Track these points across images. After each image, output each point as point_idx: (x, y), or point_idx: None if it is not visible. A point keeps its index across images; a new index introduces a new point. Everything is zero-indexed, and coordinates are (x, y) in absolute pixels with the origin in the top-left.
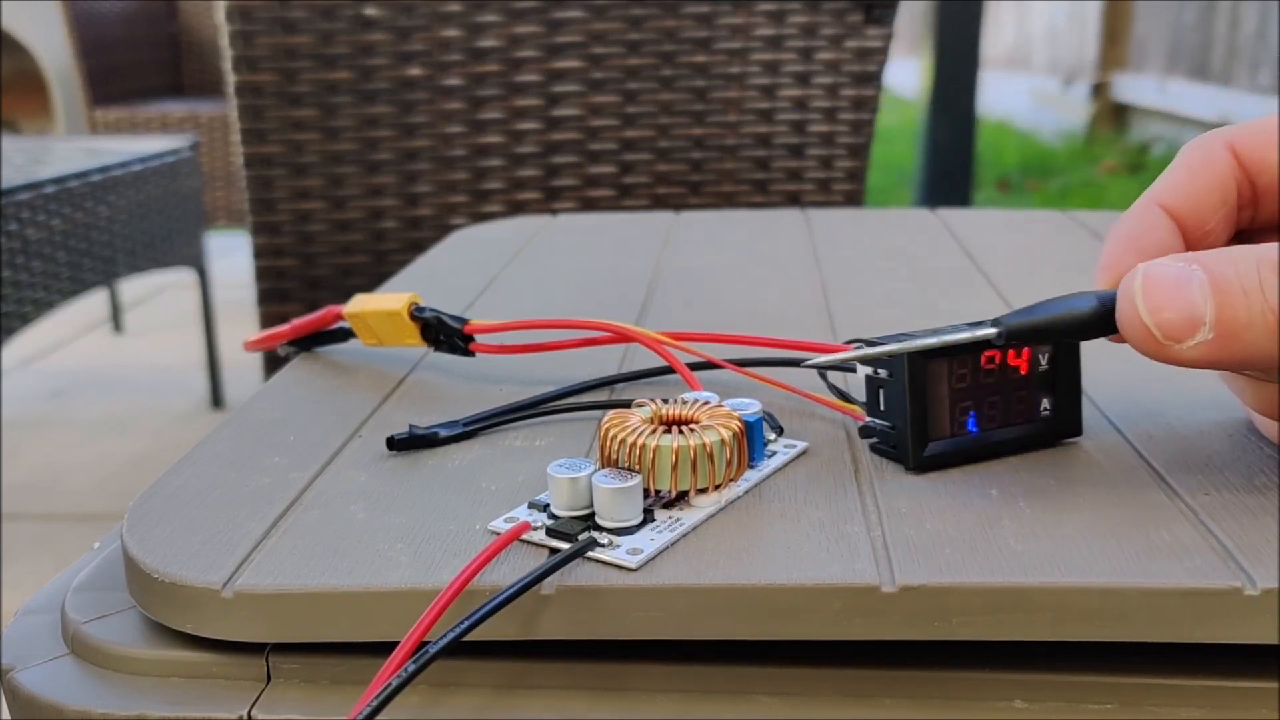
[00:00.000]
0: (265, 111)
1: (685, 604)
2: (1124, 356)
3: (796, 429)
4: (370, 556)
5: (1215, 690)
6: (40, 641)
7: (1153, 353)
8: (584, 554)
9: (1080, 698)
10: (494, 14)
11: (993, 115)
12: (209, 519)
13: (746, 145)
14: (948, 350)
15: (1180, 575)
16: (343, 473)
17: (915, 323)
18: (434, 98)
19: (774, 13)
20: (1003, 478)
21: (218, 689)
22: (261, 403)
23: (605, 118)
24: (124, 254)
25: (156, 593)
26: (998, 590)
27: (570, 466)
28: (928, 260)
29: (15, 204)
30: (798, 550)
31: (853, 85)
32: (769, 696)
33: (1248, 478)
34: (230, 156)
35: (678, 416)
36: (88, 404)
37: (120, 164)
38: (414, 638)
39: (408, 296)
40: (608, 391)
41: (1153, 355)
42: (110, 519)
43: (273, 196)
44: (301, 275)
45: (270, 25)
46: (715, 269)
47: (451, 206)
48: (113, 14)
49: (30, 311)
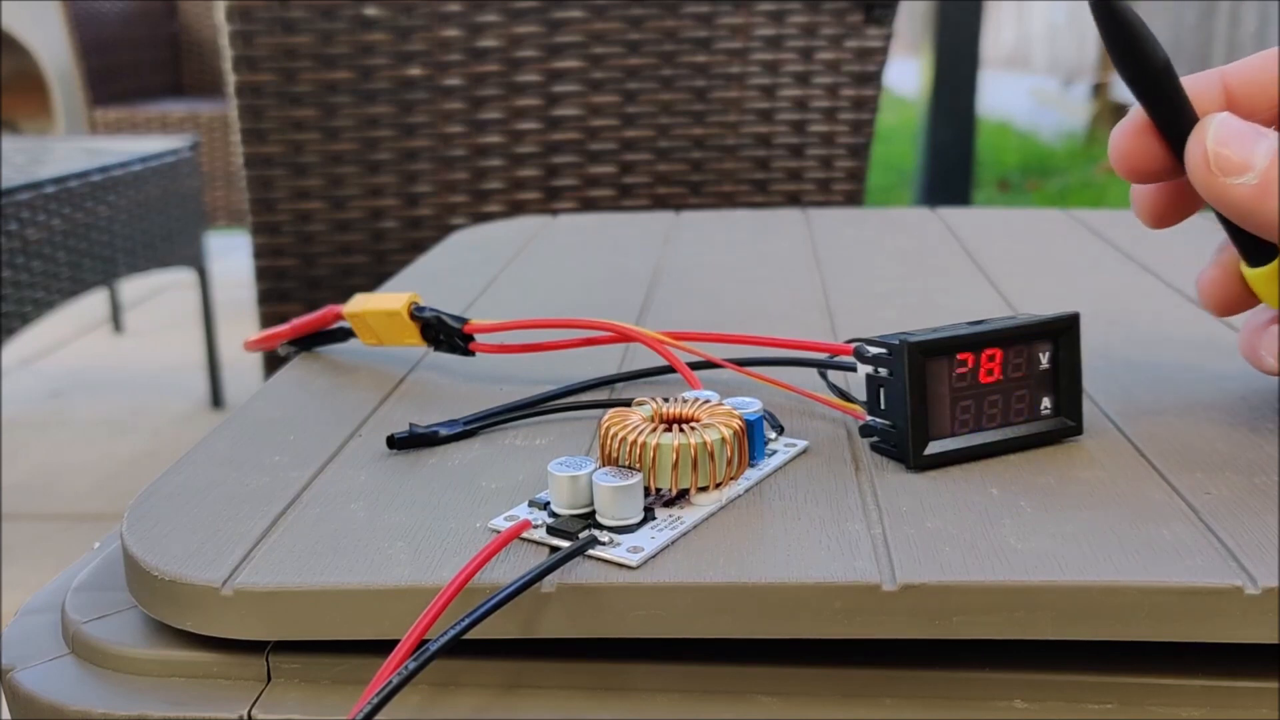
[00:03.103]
0: (265, 111)
1: (686, 602)
2: (1124, 356)
3: (797, 428)
4: (370, 555)
5: (1215, 690)
6: (40, 641)
7: (1202, 180)
8: (584, 552)
9: (1080, 698)
10: (494, 14)
11: (993, 115)
12: (209, 518)
13: (746, 145)
14: (949, 348)
15: (1180, 574)
16: (342, 472)
17: (915, 323)
18: (434, 98)
19: (774, 13)
20: (1003, 476)
21: (218, 689)
22: (261, 402)
23: (605, 118)
24: (124, 254)
25: (156, 591)
26: (998, 589)
27: (571, 465)
28: (928, 260)
29: (15, 204)
30: (798, 549)
31: (853, 85)
32: (769, 696)
33: (1248, 478)
34: (230, 156)
35: (678, 415)
36: (88, 404)
37: (120, 164)
38: (414, 636)
39: (408, 296)
40: (608, 391)
41: (1202, 183)
42: (110, 519)
43: (273, 196)
44: (301, 275)
45: (270, 25)
46: (715, 269)
47: (451, 206)
48: (113, 14)
49: (30, 311)
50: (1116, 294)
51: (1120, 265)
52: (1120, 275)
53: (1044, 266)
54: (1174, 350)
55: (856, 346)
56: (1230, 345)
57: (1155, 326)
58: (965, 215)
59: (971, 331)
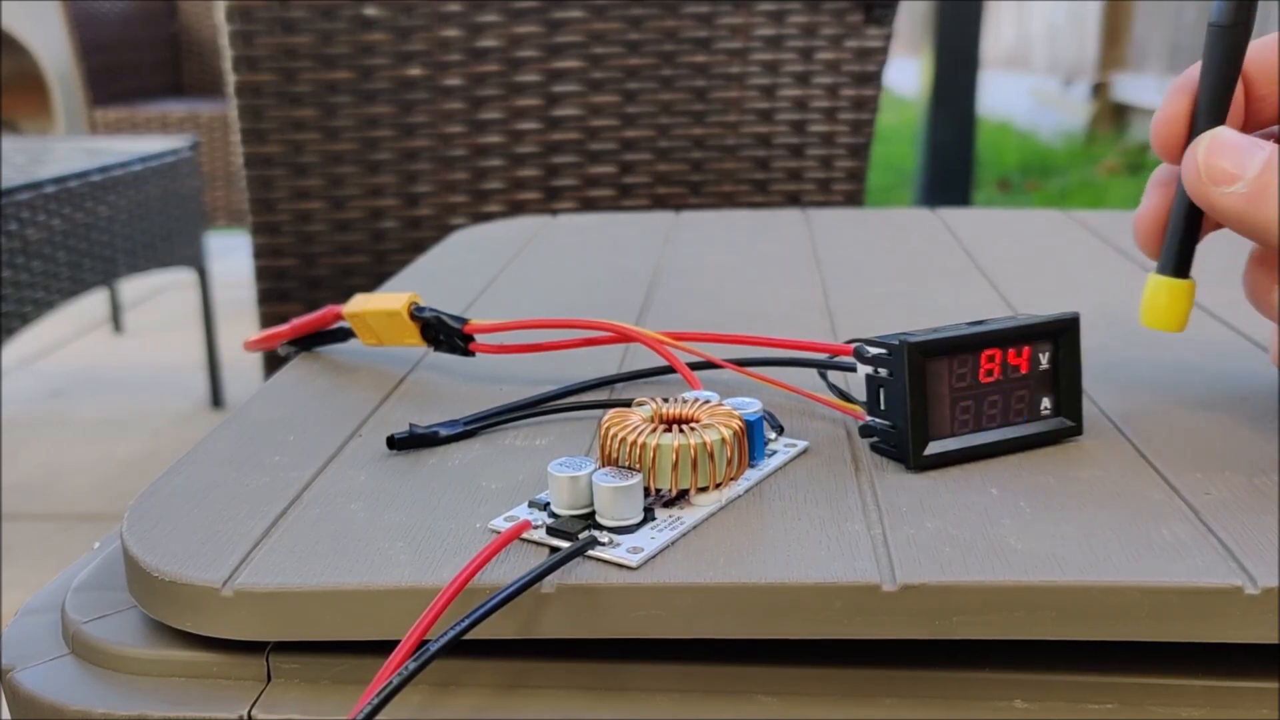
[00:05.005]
0: (265, 111)
1: (686, 602)
2: (1124, 356)
3: (797, 428)
4: (370, 555)
5: (1215, 690)
6: (40, 641)
7: (1195, 189)
8: (584, 552)
9: (1080, 698)
10: (494, 14)
11: (993, 115)
12: (209, 518)
13: (746, 145)
14: (949, 348)
15: (1180, 574)
16: (342, 472)
17: (915, 323)
18: (434, 98)
19: (774, 13)
20: (1003, 477)
21: (218, 689)
22: (261, 402)
23: (605, 118)
24: (124, 254)
25: (157, 592)
26: (998, 589)
27: (571, 465)
28: (928, 260)
29: (15, 204)
30: (798, 549)
31: (853, 85)
32: (769, 696)
33: (1248, 478)
34: (230, 156)
35: (678, 415)
36: (88, 404)
37: (120, 164)
38: (414, 636)
39: (408, 296)
40: (608, 391)
41: (1195, 191)
42: (110, 519)
43: (273, 196)
44: (301, 275)
45: (270, 25)
46: (715, 269)
47: (451, 206)
48: (113, 14)
49: (30, 311)
50: (1116, 294)
51: (1120, 265)
52: (1120, 275)
53: (1044, 266)
54: (1174, 350)
55: (856, 347)
56: (1231, 345)
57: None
58: (965, 215)
59: (971, 331)
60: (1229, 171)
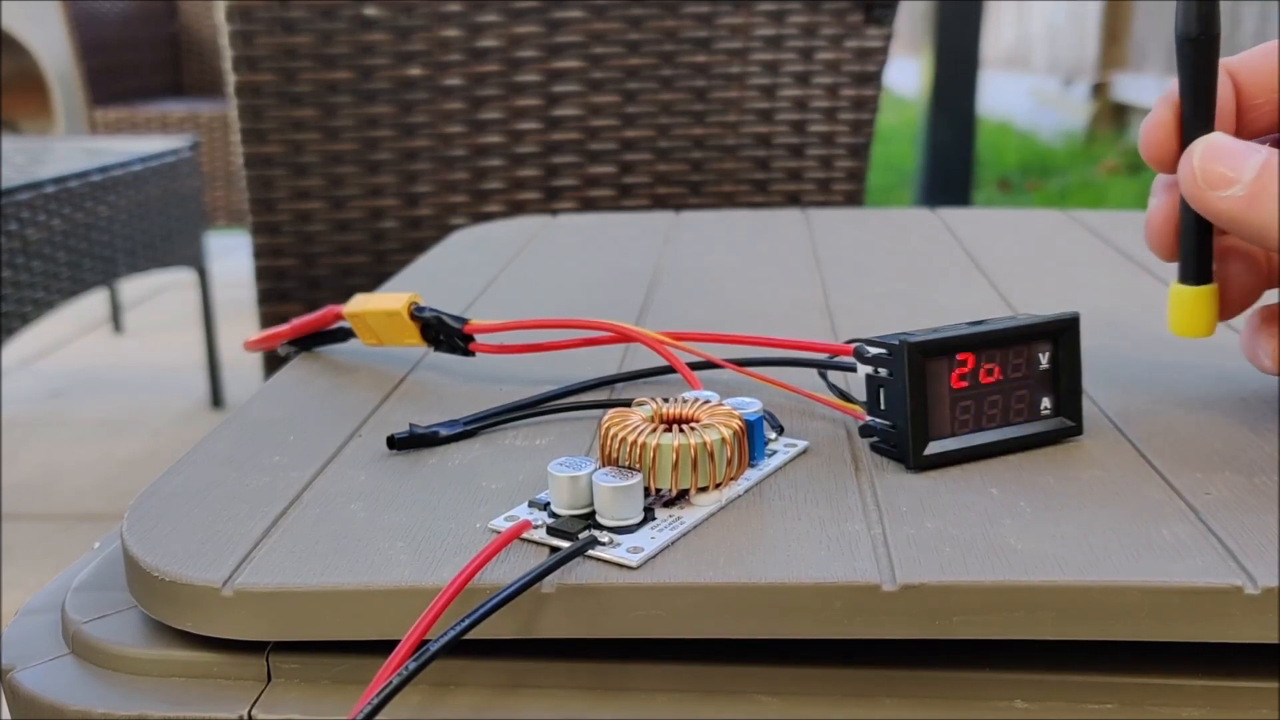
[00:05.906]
0: (265, 111)
1: (686, 602)
2: (1124, 356)
3: (797, 428)
4: (370, 555)
5: (1215, 690)
6: (40, 641)
7: (1191, 194)
8: (584, 552)
9: (1080, 698)
10: (494, 14)
11: (993, 115)
12: (209, 518)
13: (746, 145)
14: (949, 348)
15: (1180, 574)
16: (342, 472)
17: (915, 323)
18: (434, 98)
19: (774, 13)
20: (1003, 477)
21: (218, 689)
22: (261, 403)
23: (605, 118)
24: (124, 254)
25: (157, 591)
26: (998, 589)
27: (571, 465)
28: (928, 260)
29: (15, 204)
30: (798, 549)
31: (853, 85)
32: (769, 696)
33: (1248, 477)
34: (230, 156)
35: (678, 415)
36: (88, 404)
37: (120, 164)
38: (414, 636)
39: (408, 296)
40: (608, 391)
41: (1191, 196)
42: (110, 519)
43: (273, 196)
44: (301, 275)
45: (270, 25)
46: (715, 269)
47: (451, 206)
48: (113, 14)
49: (30, 311)
50: (1116, 294)
51: (1120, 265)
52: (1120, 275)
53: (1044, 267)
54: (1174, 350)
55: (856, 347)
56: (1230, 345)
57: (1155, 326)
58: (965, 215)
59: (971, 331)
60: (1226, 175)
